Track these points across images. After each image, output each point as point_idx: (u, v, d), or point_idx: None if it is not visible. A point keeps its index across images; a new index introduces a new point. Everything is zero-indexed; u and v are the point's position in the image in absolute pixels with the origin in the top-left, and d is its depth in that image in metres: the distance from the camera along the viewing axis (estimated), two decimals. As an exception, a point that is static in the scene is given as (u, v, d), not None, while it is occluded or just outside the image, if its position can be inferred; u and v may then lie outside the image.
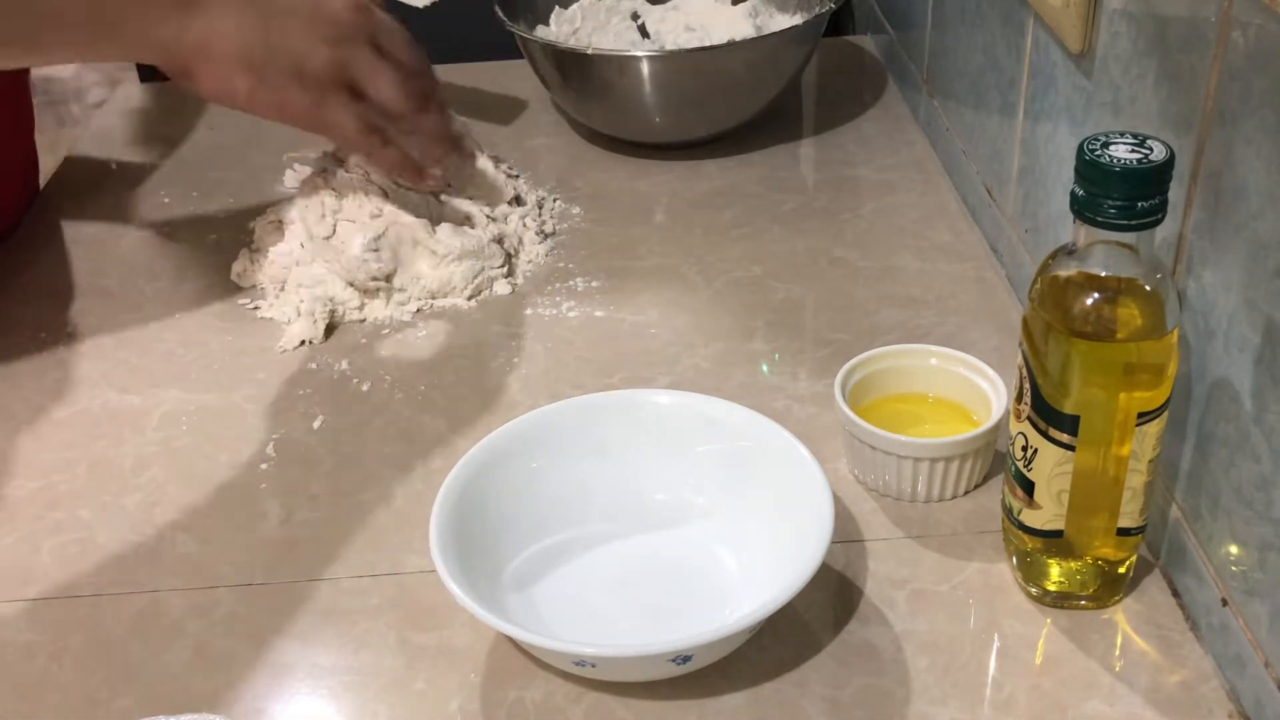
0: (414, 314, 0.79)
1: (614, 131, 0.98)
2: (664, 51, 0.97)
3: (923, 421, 0.64)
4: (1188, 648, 0.54)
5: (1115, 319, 0.50)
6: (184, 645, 0.57)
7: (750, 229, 0.87)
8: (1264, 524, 0.48)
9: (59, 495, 0.66)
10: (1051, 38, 0.69)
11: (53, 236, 0.90)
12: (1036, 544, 0.55)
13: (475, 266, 0.80)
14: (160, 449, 0.69)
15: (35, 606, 0.59)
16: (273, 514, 0.64)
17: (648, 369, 0.73)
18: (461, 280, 0.80)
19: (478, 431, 0.64)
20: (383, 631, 0.57)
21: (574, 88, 0.95)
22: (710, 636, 0.50)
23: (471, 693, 0.54)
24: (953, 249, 0.83)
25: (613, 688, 0.54)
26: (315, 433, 0.70)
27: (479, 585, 0.53)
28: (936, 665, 0.54)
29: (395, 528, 0.63)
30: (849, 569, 0.59)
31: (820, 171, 0.94)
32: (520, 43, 0.96)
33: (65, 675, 0.56)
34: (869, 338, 0.74)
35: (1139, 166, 0.46)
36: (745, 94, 0.95)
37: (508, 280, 0.81)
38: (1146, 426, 0.51)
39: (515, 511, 0.59)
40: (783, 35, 0.93)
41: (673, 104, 0.93)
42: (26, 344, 0.78)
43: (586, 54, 0.91)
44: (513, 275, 0.82)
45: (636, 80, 0.91)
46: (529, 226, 0.86)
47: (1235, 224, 0.49)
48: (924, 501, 0.62)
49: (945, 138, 0.92)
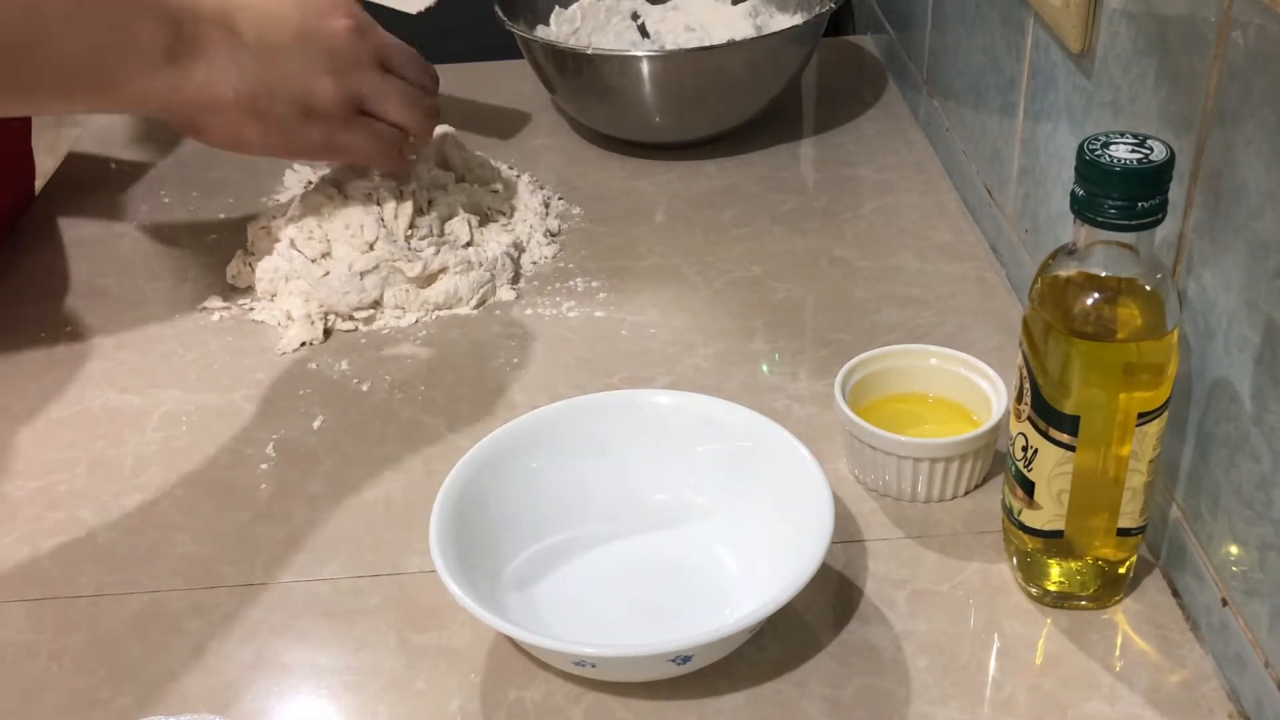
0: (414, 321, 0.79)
1: (614, 131, 0.98)
2: (664, 51, 0.97)
3: (923, 421, 0.64)
4: (1188, 648, 0.54)
5: (1115, 319, 0.50)
6: (184, 645, 0.57)
7: (750, 229, 0.87)
8: (1264, 524, 0.48)
9: (59, 495, 0.66)
10: (1051, 38, 0.69)
11: (52, 236, 0.90)
12: (1037, 544, 0.55)
13: (484, 277, 0.80)
14: (160, 449, 0.69)
15: (35, 606, 0.59)
16: (273, 514, 0.64)
17: (648, 369, 0.73)
18: (469, 291, 0.79)
19: (478, 431, 0.64)
20: (383, 631, 0.57)
21: (574, 88, 0.95)
22: (710, 636, 0.50)
23: (471, 693, 0.54)
24: (953, 249, 0.83)
25: (613, 688, 0.54)
26: (315, 433, 0.70)
27: (479, 585, 0.53)
28: (936, 665, 0.54)
29: (395, 528, 0.63)
30: (849, 569, 0.59)
31: (820, 171, 0.94)
32: (520, 43, 0.96)
33: (65, 675, 0.56)
34: (869, 338, 0.74)
35: (1139, 166, 0.46)
36: (745, 94, 0.95)
37: (513, 287, 0.81)
38: (1146, 426, 0.51)
39: (515, 511, 0.59)
40: (783, 35, 0.93)
41: (672, 104, 0.93)
42: (26, 344, 0.78)
43: (586, 54, 0.91)
44: (517, 281, 0.82)
45: (636, 80, 0.91)
46: (536, 229, 0.86)
47: (1235, 224, 0.49)
48: (924, 501, 0.62)
49: (945, 138, 0.92)
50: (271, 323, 0.79)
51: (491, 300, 0.80)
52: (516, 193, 0.89)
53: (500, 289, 0.81)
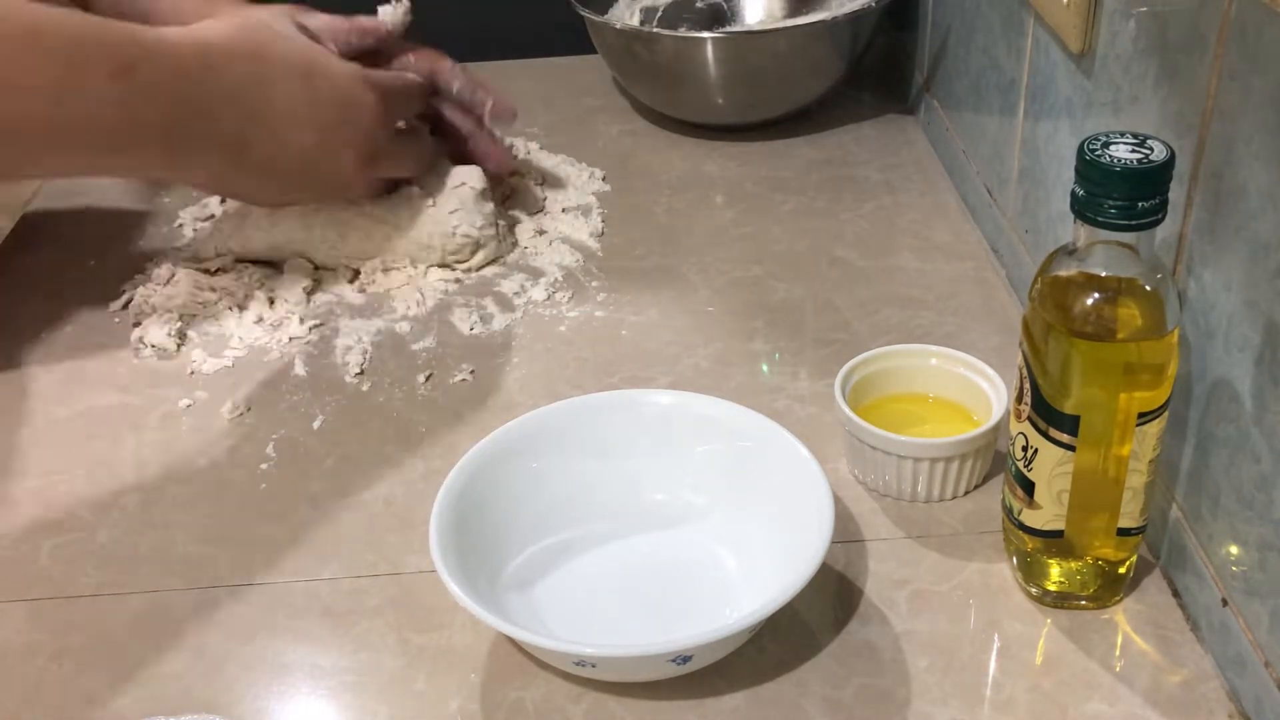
0: (413, 319, 0.79)
1: (674, 112, 0.99)
2: (685, 36, 0.97)
3: (923, 421, 0.64)
4: (1188, 648, 0.54)
5: (1115, 319, 0.50)
6: (184, 645, 0.57)
7: (750, 229, 0.87)
8: (1264, 524, 0.48)
9: (59, 495, 0.66)
10: (1052, 38, 0.69)
11: (51, 234, 0.90)
12: (1037, 544, 0.55)
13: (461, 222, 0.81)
14: (160, 449, 0.69)
15: (35, 606, 0.59)
16: (273, 514, 0.64)
17: (648, 369, 0.73)
18: (441, 240, 0.81)
19: (478, 431, 0.64)
20: (382, 631, 0.57)
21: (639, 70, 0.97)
22: (710, 637, 0.50)
23: (471, 693, 0.54)
24: (953, 249, 0.83)
25: (613, 688, 0.54)
26: (315, 433, 0.70)
27: (479, 585, 0.53)
28: (936, 665, 0.54)
29: (395, 528, 0.63)
30: (849, 569, 0.59)
31: (820, 171, 0.94)
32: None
33: (65, 675, 0.56)
34: (869, 338, 0.74)
35: (1139, 166, 0.46)
36: (796, 81, 0.95)
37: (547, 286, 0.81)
38: (1147, 426, 0.51)
39: (515, 511, 0.59)
40: (817, 26, 0.93)
41: (738, 86, 0.94)
42: (26, 343, 0.78)
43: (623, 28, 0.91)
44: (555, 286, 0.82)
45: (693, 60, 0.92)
46: (580, 228, 0.87)
47: (1235, 224, 0.49)
48: (924, 501, 0.62)
49: (945, 138, 0.92)
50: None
51: (522, 300, 0.80)
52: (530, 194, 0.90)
53: (532, 289, 0.81)
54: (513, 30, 1.14)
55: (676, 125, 1.01)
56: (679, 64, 0.93)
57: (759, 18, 1.06)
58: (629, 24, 1.01)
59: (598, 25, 0.97)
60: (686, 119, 1.00)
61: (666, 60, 0.94)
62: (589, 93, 1.06)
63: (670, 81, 0.96)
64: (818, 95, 0.98)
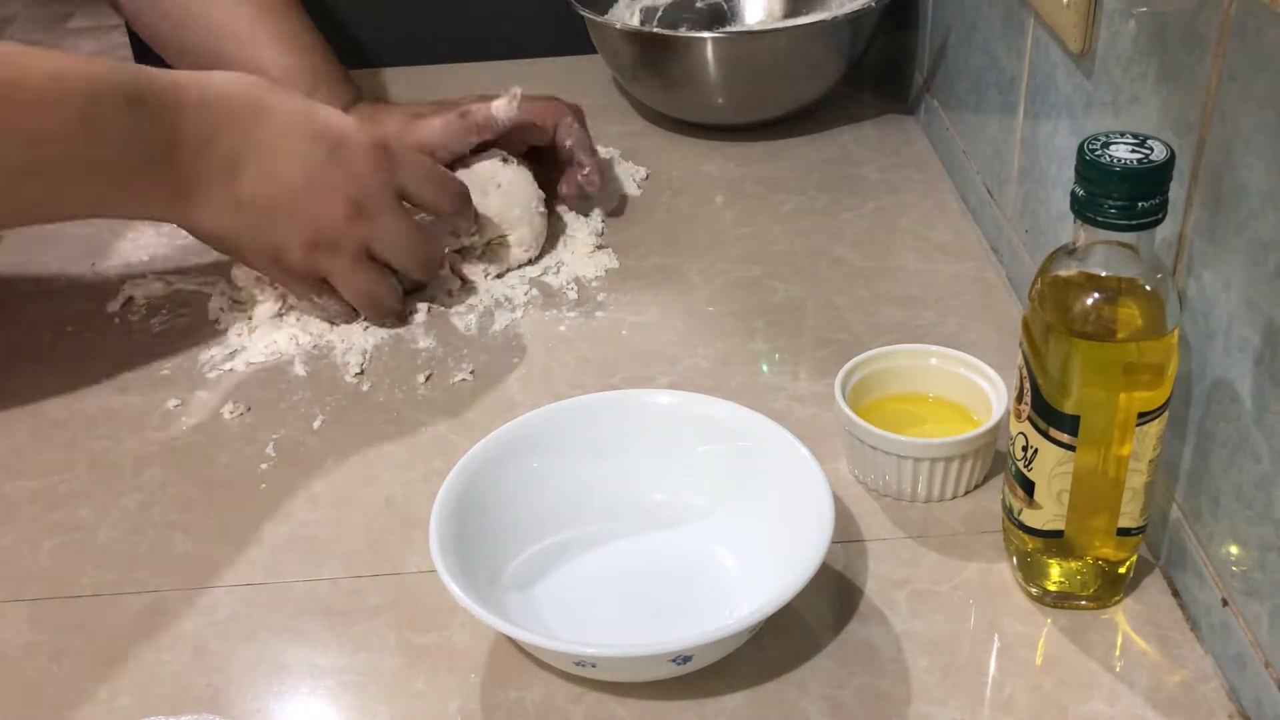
0: (426, 314, 0.79)
1: (680, 115, 0.99)
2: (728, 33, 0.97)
3: (923, 421, 0.64)
4: (1188, 648, 0.54)
5: (1115, 319, 0.50)
6: (184, 645, 0.57)
7: (750, 229, 0.87)
8: (1264, 524, 0.48)
9: (59, 495, 0.66)
10: (1051, 38, 0.69)
11: (51, 233, 0.90)
12: (1037, 544, 0.55)
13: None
14: (160, 449, 0.69)
15: (35, 606, 0.59)
16: (273, 514, 0.64)
17: (648, 369, 0.73)
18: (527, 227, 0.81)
19: (478, 431, 0.64)
20: (382, 631, 0.57)
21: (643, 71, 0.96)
22: (710, 637, 0.50)
23: (471, 693, 0.54)
24: (953, 249, 0.83)
25: (613, 688, 0.54)
26: (315, 433, 0.70)
27: (479, 585, 0.53)
28: (936, 665, 0.54)
29: (395, 528, 0.63)
30: (849, 569, 0.59)
31: (820, 171, 0.94)
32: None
33: (65, 675, 0.56)
34: (869, 338, 0.74)
35: (1139, 166, 0.46)
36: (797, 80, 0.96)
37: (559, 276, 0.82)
38: (1147, 426, 0.51)
39: (515, 511, 0.59)
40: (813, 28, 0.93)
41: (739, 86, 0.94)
42: (26, 342, 0.78)
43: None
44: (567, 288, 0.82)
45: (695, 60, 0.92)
46: (580, 228, 0.87)
47: (1235, 224, 0.49)
48: (924, 501, 0.62)
49: (945, 138, 0.92)
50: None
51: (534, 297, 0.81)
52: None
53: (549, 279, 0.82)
54: (513, 30, 1.14)
55: (676, 125, 1.01)
56: (679, 64, 0.93)
57: (759, 18, 1.06)
58: (629, 24, 1.01)
59: (598, 25, 0.97)
60: (686, 119, 1.00)
61: (666, 60, 0.94)
62: (589, 93, 1.06)
63: (670, 81, 0.96)
64: (818, 95, 0.98)
